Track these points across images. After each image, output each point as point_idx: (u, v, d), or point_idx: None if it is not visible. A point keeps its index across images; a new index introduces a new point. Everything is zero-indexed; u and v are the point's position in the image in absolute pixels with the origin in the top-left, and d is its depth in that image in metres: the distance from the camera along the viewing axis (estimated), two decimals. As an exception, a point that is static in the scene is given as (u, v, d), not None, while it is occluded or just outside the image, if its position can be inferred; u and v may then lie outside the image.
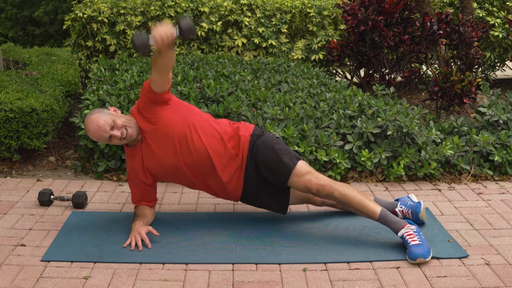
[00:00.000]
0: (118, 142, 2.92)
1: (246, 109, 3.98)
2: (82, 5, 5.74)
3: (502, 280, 2.59)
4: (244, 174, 3.02)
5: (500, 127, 4.29)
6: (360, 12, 5.37)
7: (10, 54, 5.93)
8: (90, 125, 2.88)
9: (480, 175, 4.04)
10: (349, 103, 4.19)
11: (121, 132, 2.88)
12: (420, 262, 2.72)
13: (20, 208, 3.39)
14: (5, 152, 4.03)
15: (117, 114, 2.96)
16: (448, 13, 5.46)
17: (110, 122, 2.87)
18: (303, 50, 5.86)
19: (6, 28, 11.41)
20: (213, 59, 5.12)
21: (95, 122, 2.86)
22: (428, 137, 3.97)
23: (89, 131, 2.90)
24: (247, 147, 3.00)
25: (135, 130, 2.93)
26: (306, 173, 2.94)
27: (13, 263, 2.71)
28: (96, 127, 2.86)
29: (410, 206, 3.20)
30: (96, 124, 2.86)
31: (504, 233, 3.10)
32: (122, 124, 2.88)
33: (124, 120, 2.90)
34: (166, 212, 3.39)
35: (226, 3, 5.84)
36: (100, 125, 2.86)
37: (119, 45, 5.70)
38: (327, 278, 2.61)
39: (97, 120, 2.86)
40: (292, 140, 3.83)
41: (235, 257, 2.79)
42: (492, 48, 6.60)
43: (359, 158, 3.90)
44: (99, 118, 2.87)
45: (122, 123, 2.89)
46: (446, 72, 4.96)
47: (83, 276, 2.60)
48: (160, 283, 2.55)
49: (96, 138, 2.91)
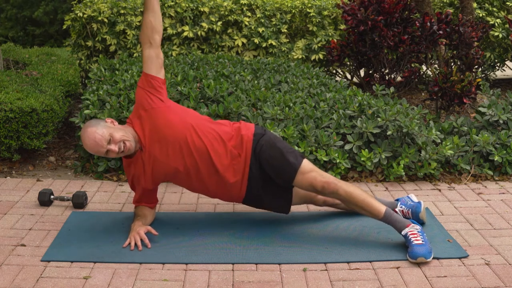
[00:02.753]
0: (115, 156, 2.86)
1: (246, 109, 3.98)
2: (82, 5, 5.74)
3: (502, 280, 2.59)
4: (248, 175, 3.00)
5: (500, 127, 4.29)
6: (360, 12, 5.37)
7: (10, 54, 5.93)
8: (86, 139, 2.80)
9: (480, 175, 4.04)
10: (349, 103, 4.19)
11: (119, 146, 2.81)
12: (421, 261, 2.72)
13: (20, 208, 3.39)
14: (5, 152, 4.03)
15: (115, 126, 2.88)
16: (448, 13, 5.46)
17: (107, 136, 2.79)
18: (303, 50, 5.86)
19: (6, 28, 11.41)
20: (213, 59, 5.12)
21: (92, 137, 2.79)
22: (428, 137, 3.97)
23: (85, 145, 2.83)
24: (250, 146, 2.98)
25: (133, 142, 2.86)
26: (311, 171, 2.93)
27: (13, 263, 2.71)
28: (93, 142, 2.79)
29: (410, 206, 3.20)
30: (93, 139, 2.78)
31: (504, 233, 3.10)
32: (120, 139, 2.81)
33: (122, 134, 2.83)
34: (166, 212, 3.39)
35: (226, 3, 5.84)
36: (96, 139, 2.78)
37: (119, 45, 5.70)
38: (327, 278, 2.61)
39: (93, 135, 2.78)
40: (292, 140, 3.83)
41: (235, 257, 2.79)
42: (492, 48, 6.60)
43: (359, 158, 3.90)
44: (96, 132, 2.79)
45: (120, 137, 2.81)
46: (446, 72, 4.96)
47: (83, 276, 2.60)
48: (160, 283, 2.55)
49: (93, 152, 2.85)
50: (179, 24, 5.76)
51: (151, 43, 2.97)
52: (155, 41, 2.97)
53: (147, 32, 2.97)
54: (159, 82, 2.96)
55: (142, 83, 2.96)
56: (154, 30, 2.98)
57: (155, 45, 2.98)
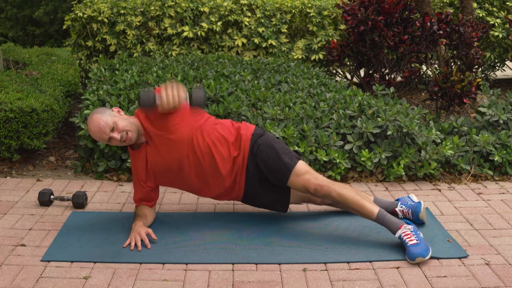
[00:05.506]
0: (118, 143, 2.93)
1: (246, 109, 3.98)
2: (82, 5, 5.74)
3: (502, 280, 2.59)
4: (245, 173, 3.02)
5: (500, 127, 4.29)
6: (360, 12, 5.38)
7: (10, 54, 5.93)
8: (91, 125, 2.90)
9: (480, 175, 4.04)
10: (349, 103, 4.19)
11: (121, 135, 2.90)
12: (420, 261, 2.72)
13: (20, 208, 3.39)
14: (5, 152, 4.03)
15: (120, 115, 2.97)
16: (448, 13, 5.46)
17: (110, 123, 2.88)
18: (303, 50, 5.86)
19: (6, 28, 11.41)
20: (213, 59, 5.12)
21: (96, 123, 2.88)
22: (428, 137, 3.97)
23: (90, 130, 2.93)
24: (248, 146, 3.01)
25: (135, 134, 2.94)
26: (305, 173, 2.95)
27: (13, 263, 2.71)
28: (97, 128, 2.88)
29: (410, 206, 3.21)
30: (97, 125, 2.88)
31: (504, 233, 3.10)
32: (122, 128, 2.90)
33: (125, 124, 2.92)
34: (166, 212, 3.39)
35: (226, 3, 5.84)
36: (100, 126, 2.88)
37: (119, 45, 5.70)
38: (327, 278, 2.61)
39: (98, 121, 2.88)
40: (292, 140, 3.83)
41: (235, 257, 2.79)
42: (492, 48, 6.60)
43: (359, 158, 3.90)
44: (101, 119, 2.89)
45: (123, 127, 2.90)
46: (446, 72, 4.96)
47: (83, 276, 2.60)
48: (160, 283, 2.55)
49: (96, 138, 2.94)
50: (179, 24, 5.76)
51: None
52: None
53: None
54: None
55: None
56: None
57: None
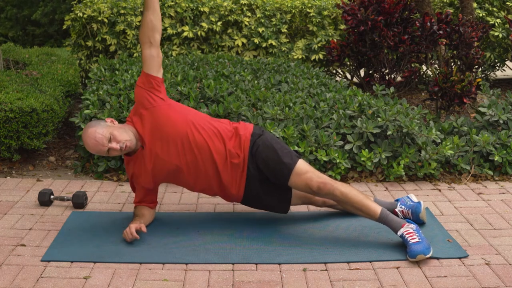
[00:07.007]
0: (118, 153, 2.88)
1: (246, 109, 3.98)
2: (82, 5, 5.74)
3: (502, 280, 2.59)
4: (246, 174, 3.01)
5: (500, 127, 4.29)
6: (360, 12, 5.37)
7: (10, 54, 5.93)
8: (87, 139, 2.84)
9: (480, 175, 4.04)
10: (349, 103, 4.19)
11: (120, 146, 2.85)
12: (421, 259, 2.72)
13: (20, 208, 3.39)
14: (5, 152, 4.03)
15: (114, 125, 2.92)
16: (448, 13, 5.46)
17: (107, 135, 2.83)
18: (303, 50, 5.86)
19: (6, 28, 11.40)
20: (213, 59, 5.12)
21: (92, 137, 2.83)
22: (428, 137, 3.97)
23: (86, 145, 2.86)
24: (247, 146, 2.99)
25: (133, 140, 2.90)
26: (307, 172, 2.94)
27: (13, 263, 2.71)
28: (93, 141, 2.82)
29: (410, 206, 3.21)
30: (93, 138, 2.82)
31: (504, 233, 3.10)
32: (120, 138, 2.84)
33: (122, 133, 2.87)
34: (166, 212, 3.39)
35: (226, 3, 5.84)
36: (97, 139, 2.82)
37: (119, 45, 5.69)
38: (327, 278, 2.61)
39: (94, 134, 2.83)
40: (292, 140, 3.83)
41: (235, 257, 2.79)
42: (492, 48, 6.60)
43: (359, 158, 3.90)
44: (96, 131, 2.83)
45: (120, 137, 2.85)
46: (446, 72, 4.96)
47: (83, 276, 2.60)
48: (160, 283, 2.55)
49: (94, 151, 2.88)
50: (179, 24, 5.76)
51: (151, 43, 2.97)
52: (155, 40, 2.98)
53: (147, 31, 2.98)
54: (159, 81, 2.98)
55: (142, 82, 2.97)
56: (154, 29, 2.98)
57: (155, 44, 2.98)
